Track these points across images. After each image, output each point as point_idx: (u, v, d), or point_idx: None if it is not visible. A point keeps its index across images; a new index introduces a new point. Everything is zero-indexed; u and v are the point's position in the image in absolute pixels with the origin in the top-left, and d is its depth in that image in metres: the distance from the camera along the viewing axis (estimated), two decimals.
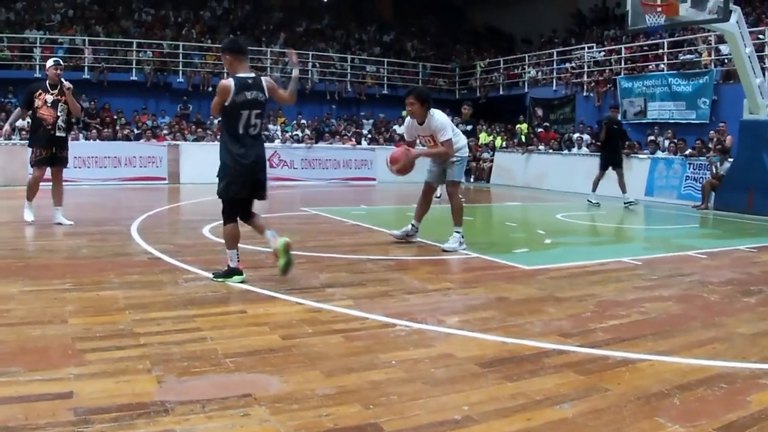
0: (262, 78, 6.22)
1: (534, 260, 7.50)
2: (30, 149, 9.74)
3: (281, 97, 6.45)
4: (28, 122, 9.91)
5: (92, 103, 21.84)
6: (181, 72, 24.28)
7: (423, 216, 8.78)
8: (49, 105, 9.43)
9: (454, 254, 7.89)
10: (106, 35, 24.81)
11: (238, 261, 6.07)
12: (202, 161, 19.02)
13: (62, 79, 9.58)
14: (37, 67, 22.32)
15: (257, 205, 6.33)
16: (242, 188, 6.08)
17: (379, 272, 6.70)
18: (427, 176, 8.70)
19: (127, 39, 24.51)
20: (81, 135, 19.28)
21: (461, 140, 8.53)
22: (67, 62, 22.50)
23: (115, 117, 21.48)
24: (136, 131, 20.65)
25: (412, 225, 8.76)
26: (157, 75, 23.73)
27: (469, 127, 15.43)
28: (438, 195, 14.58)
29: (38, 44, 23.01)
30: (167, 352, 4.05)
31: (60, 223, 9.52)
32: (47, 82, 9.60)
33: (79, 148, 17.94)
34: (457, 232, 8.23)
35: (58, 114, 9.46)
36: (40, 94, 9.46)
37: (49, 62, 9.78)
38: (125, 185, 17.34)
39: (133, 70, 23.60)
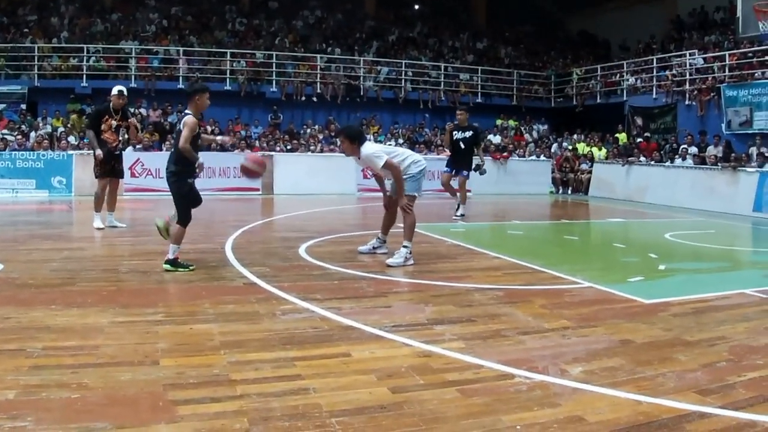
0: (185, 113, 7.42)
1: (652, 292, 6.89)
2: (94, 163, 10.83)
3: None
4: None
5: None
6: (274, 81, 24.30)
7: (389, 228, 8.82)
8: (113, 130, 10.63)
9: (564, 283, 7.33)
10: (200, 45, 25.04)
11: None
12: (296, 172, 18.96)
13: (128, 108, 10.89)
14: (133, 77, 22.66)
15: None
16: None
17: (489, 305, 6.19)
18: (390, 188, 8.70)
19: (221, 49, 24.67)
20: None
21: (407, 157, 8.40)
22: (161, 72, 23.01)
23: (210, 128, 21.48)
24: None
25: (378, 238, 8.82)
26: (251, 85, 23.79)
27: (468, 134, 13.94)
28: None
29: (133, 55, 23.41)
30: (267, 407, 3.65)
31: (114, 226, 10.77)
32: (111, 107, 10.64)
33: None
34: (405, 247, 8.11)
35: (120, 138, 10.84)
36: (106, 119, 10.59)
37: (114, 91, 10.71)
38: (219, 196, 17.29)
39: (227, 79, 23.72)
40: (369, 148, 8.13)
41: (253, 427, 3.40)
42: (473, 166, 14.20)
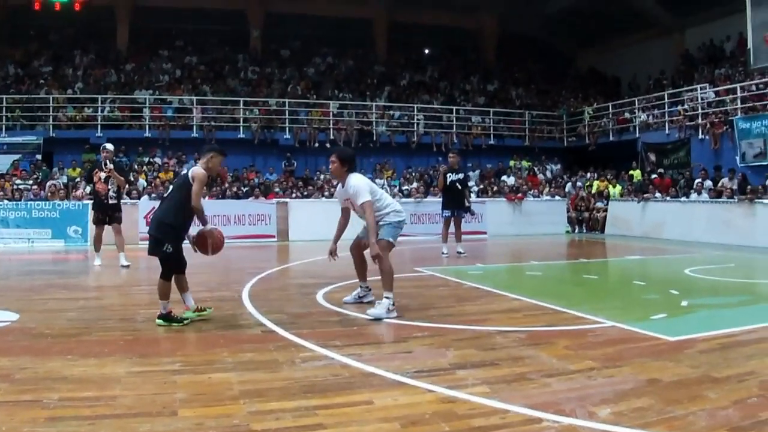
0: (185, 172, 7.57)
1: (677, 329, 6.76)
2: (92, 212, 12.75)
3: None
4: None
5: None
6: (287, 128, 24.42)
7: (366, 273, 8.39)
8: (103, 180, 12.30)
9: (587, 323, 7.19)
10: (213, 94, 25.25)
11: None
12: (311, 218, 18.93)
13: (107, 161, 12.28)
14: (147, 126, 22.84)
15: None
16: None
17: (511, 348, 6.07)
18: (360, 231, 8.29)
19: (234, 97, 24.85)
20: None
21: (389, 205, 7.99)
22: (175, 121, 23.20)
23: (230, 176, 21.56)
24: (244, 189, 20.72)
25: (361, 287, 8.41)
26: (264, 132, 23.91)
27: (460, 176, 14.69)
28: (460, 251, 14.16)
29: (147, 104, 23.61)
30: None
31: (124, 266, 12.01)
32: (102, 162, 12.36)
33: None
34: (387, 297, 7.57)
35: (109, 187, 12.32)
36: (96, 172, 12.42)
37: (102, 147, 12.64)
38: (235, 243, 17.30)
39: (241, 128, 23.88)
40: (358, 179, 7.81)
41: None
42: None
